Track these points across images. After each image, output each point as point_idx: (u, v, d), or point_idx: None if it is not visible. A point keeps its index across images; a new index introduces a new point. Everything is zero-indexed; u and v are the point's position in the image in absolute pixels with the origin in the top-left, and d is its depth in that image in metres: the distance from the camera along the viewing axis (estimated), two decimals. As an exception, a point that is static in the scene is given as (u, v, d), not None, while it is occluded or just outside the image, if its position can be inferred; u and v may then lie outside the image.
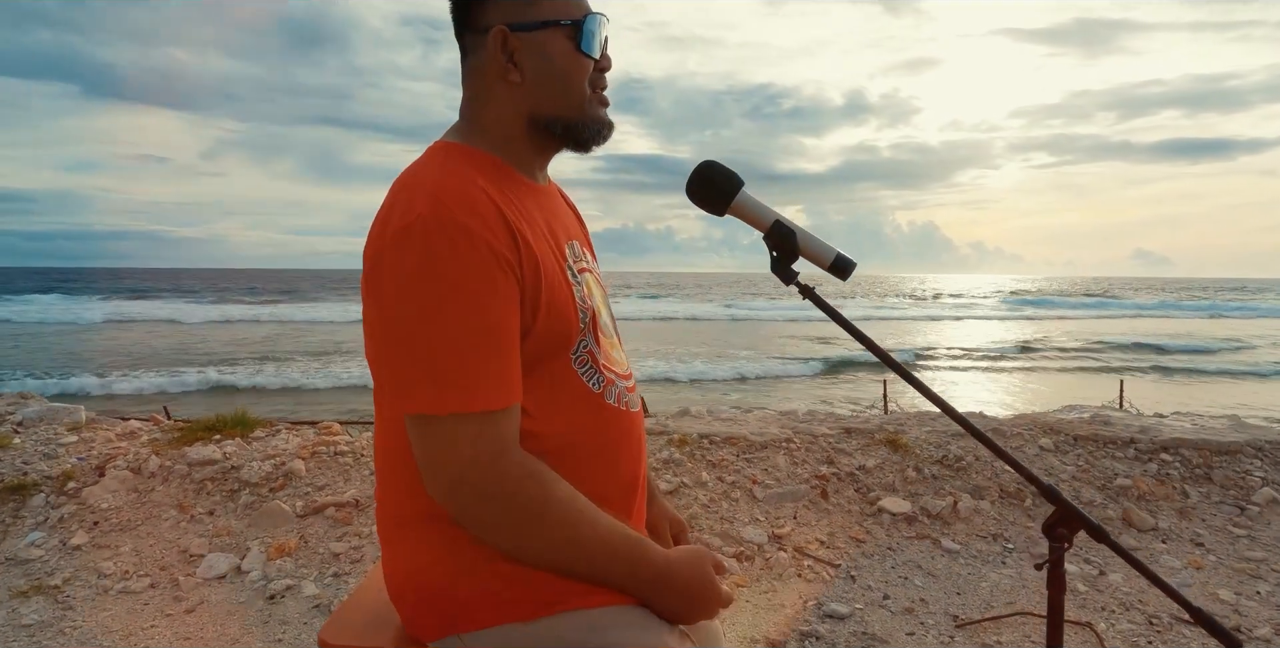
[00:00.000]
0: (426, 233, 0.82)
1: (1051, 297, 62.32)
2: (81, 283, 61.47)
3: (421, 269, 0.82)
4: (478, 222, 0.84)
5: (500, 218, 0.88)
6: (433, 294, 0.81)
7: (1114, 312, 43.10)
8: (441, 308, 0.81)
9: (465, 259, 0.83)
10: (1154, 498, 3.61)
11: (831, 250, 1.06)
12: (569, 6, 0.97)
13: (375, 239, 0.87)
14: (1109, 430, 4.15)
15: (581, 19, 0.97)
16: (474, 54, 0.98)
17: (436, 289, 0.81)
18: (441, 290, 0.81)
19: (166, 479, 3.36)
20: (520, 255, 0.88)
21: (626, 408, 1.07)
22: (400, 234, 0.83)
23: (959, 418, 1.08)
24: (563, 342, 0.96)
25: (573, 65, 0.97)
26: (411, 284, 0.82)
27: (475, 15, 0.96)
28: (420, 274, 0.82)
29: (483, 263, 0.83)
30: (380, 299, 0.84)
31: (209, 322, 26.64)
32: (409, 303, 0.82)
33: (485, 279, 0.83)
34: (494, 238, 0.85)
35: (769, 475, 3.64)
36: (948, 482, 3.65)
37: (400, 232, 0.83)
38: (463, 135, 1.00)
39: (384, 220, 0.86)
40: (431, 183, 0.88)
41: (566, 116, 0.99)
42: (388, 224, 0.85)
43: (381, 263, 0.84)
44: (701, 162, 1.07)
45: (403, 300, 0.82)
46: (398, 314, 0.83)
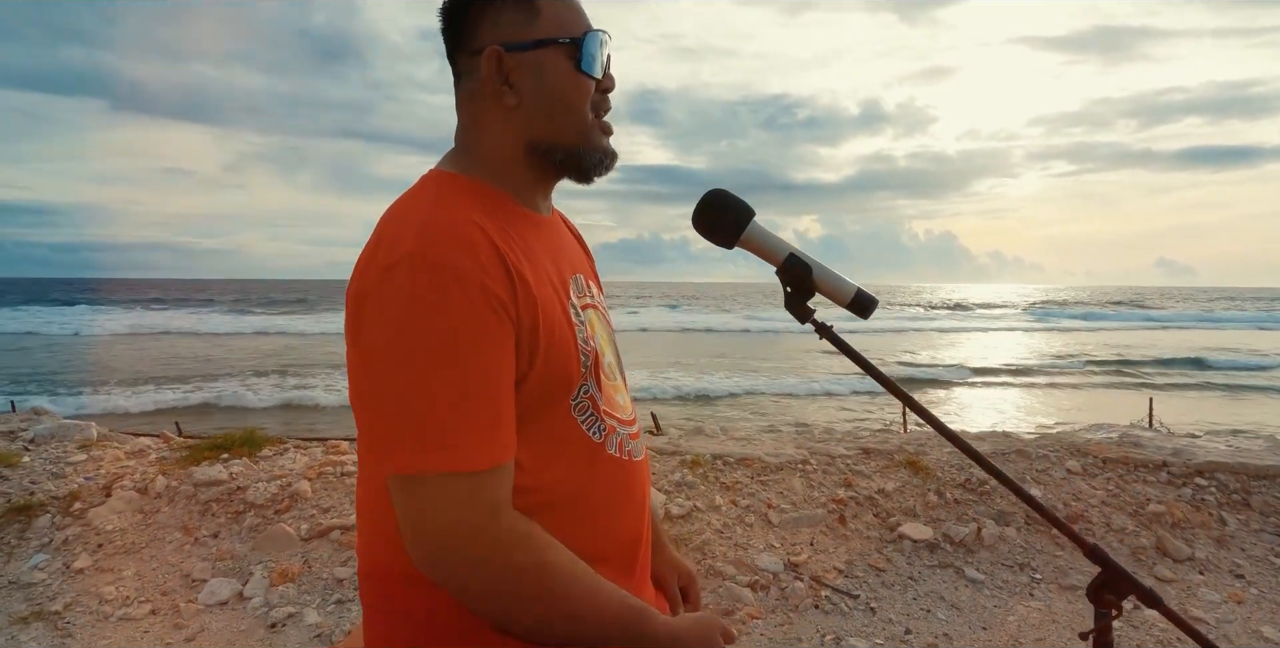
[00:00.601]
0: (413, 273, 0.75)
1: (1086, 307, 59.21)
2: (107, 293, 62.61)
3: (406, 314, 0.74)
4: (470, 260, 0.77)
5: (495, 255, 0.80)
6: (417, 342, 0.74)
7: (1148, 323, 41.25)
8: (427, 357, 0.74)
9: (454, 302, 0.75)
10: (1189, 525, 3.45)
11: (851, 286, 0.97)
12: (568, 23, 0.89)
13: (358, 279, 0.79)
14: (1139, 453, 3.99)
15: (581, 37, 0.89)
16: (468, 77, 0.91)
17: (422, 336, 0.74)
18: (427, 337, 0.74)
19: (172, 500, 3.32)
20: (517, 296, 0.81)
21: (629, 458, 0.98)
22: (384, 274, 0.76)
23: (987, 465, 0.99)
24: (562, 388, 0.88)
25: (573, 86, 0.90)
26: (394, 330, 0.74)
27: (468, 36, 0.89)
28: (404, 319, 0.74)
29: (474, 306, 0.76)
30: (361, 345, 0.77)
31: (229, 333, 26.85)
32: (391, 351, 0.75)
33: (476, 324, 0.76)
34: (487, 278, 0.78)
35: (785, 499, 3.53)
36: (971, 507, 3.52)
37: (384, 271, 0.76)
38: (458, 164, 0.93)
39: (368, 259, 0.79)
40: (420, 217, 0.80)
41: (568, 143, 0.91)
42: (372, 263, 0.78)
43: (364, 306, 0.77)
44: (709, 190, 0.99)
45: (384, 348, 0.75)
46: (378, 363, 0.75)
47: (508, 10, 0.87)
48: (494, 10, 0.87)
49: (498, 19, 0.88)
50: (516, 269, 0.82)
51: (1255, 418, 12.17)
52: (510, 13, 0.87)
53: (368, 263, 0.79)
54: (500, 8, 0.87)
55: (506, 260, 0.81)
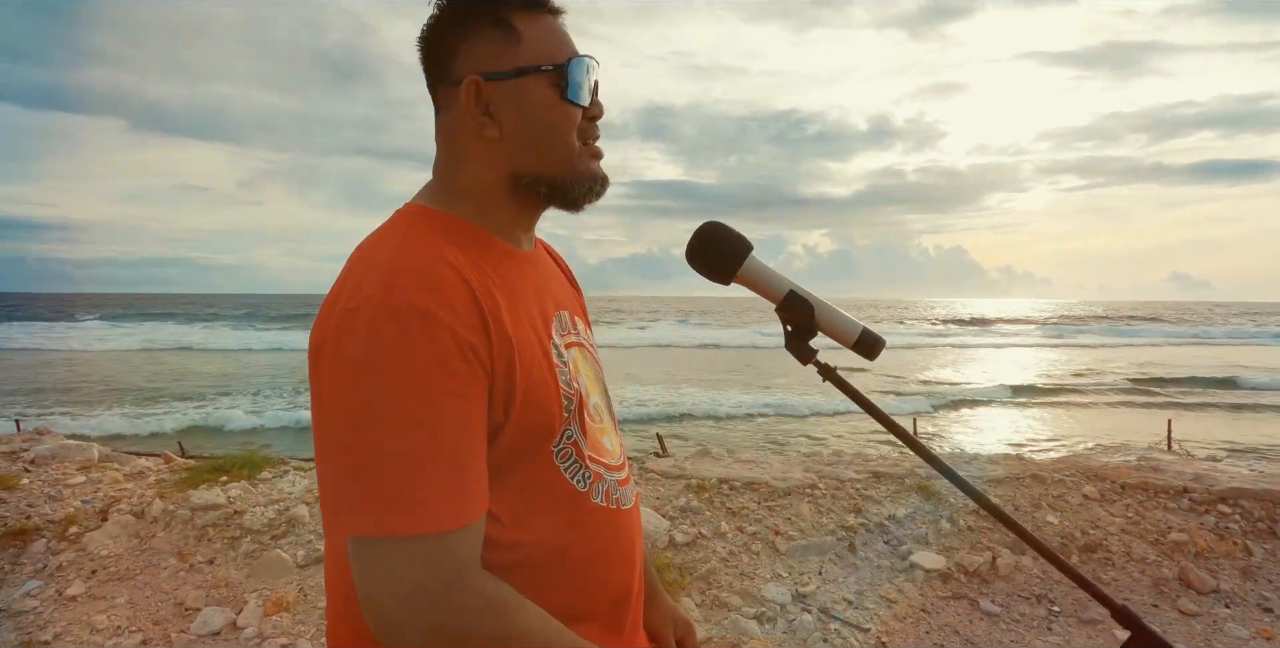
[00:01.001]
0: (374, 318, 0.70)
1: (1109, 322, 56.85)
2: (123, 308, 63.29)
3: (366, 363, 0.69)
4: (438, 303, 0.72)
5: (468, 296, 0.75)
6: (378, 393, 0.68)
7: (1173, 338, 39.53)
8: (387, 409, 0.68)
9: (419, 350, 0.70)
10: (1213, 555, 3.32)
11: (856, 325, 0.91)
12: (551, 50, 0.85)
13: (319, 325, 0.74)
14: (1160, 478, 3.87)
15: (565, 63, 0.84)
16: (447, 109, 0.86)
17: (383, 387, 0.69)
18: (388, 388, 0.69)
19: (169, 525, 3.28)
20: (491, 340, 0.75)
21: (617, 506, 0.92)
22: (344, 320, 0.71)
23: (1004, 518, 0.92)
24: (542, 435, 0.83)
25: (558, 116, 0.85)
26: (353, 381, 0.69)
27: (446, 66, 0.84)
28: (364, 369, 0.69)
29: (441, 354, 0.71)
30: (319, 396, 0.72)
31: (241, 349, 26.88)
32: (349, 402, 0.69)
33: (443, 373, 0.70)
34: (457, 322, 0.72)
35: (792, 526, 3.43)
36: (985, 535, 3.41)
37: (345, 317, 0.71)
38: (434, 198, 0.88)
39: (331, 303, 0.74)
40: (387, 257, 0.75)
41: (552, 174, 0.86)
42: (334, 307, 0.73)
43: (322, 353, 0.72)
44: (703, 223, 0.94)
45: (342, 399, 0.70)
46: (335, 416, 0.70)
47: (487, 38, 0.83)
48: (473, 38, 0.83)
49: (476, 47, 0.83)
50: (491, 311, 0.77)
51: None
52: (490, 41, 0.83)
53: (330, 307, 0.74)
54: (479, 36, 0.83)
55: (480, 302, 0.76)
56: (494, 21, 0.83)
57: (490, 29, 0.83)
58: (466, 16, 0.83)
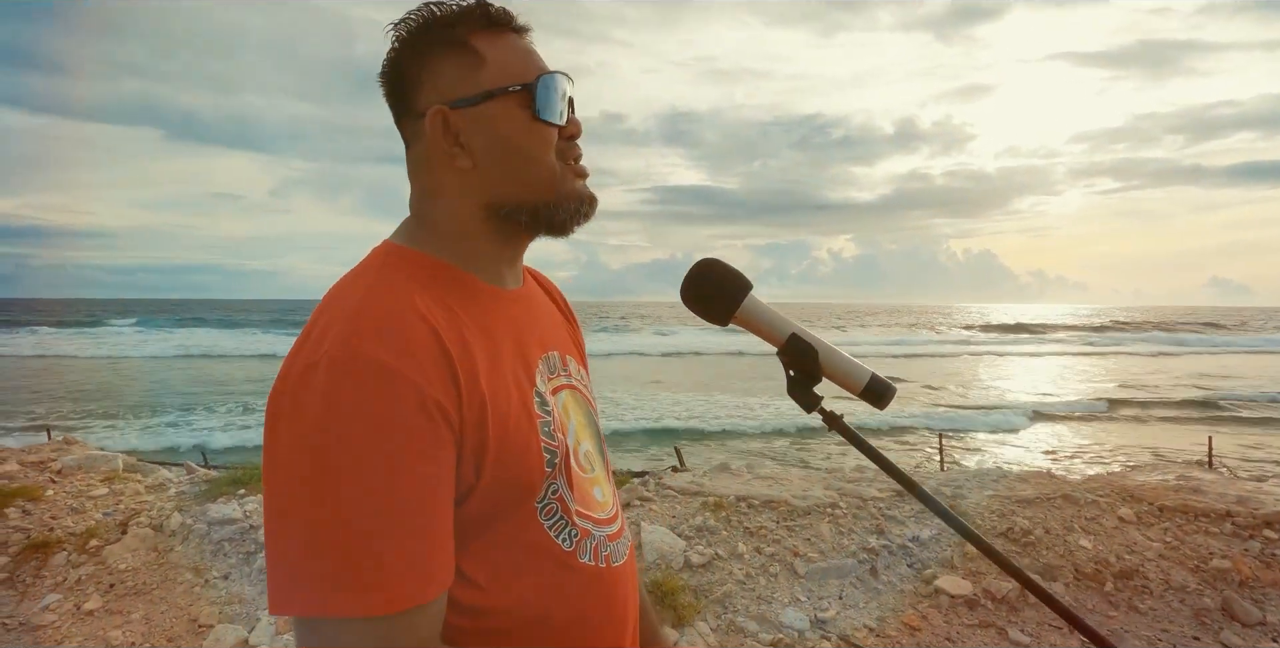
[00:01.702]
0: (332, 376, 0.65)
1: (1167, 330, 53.03)
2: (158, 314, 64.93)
3: (322, 424, 0.64)
4: (401, 358, 0.67)
5: (436, 349, 0.70)
6: (333, 458, 0.64)
7: (1228, 347, 37.67)
8: (343, 476, 0.63)
9: (379, 410, 0.65)
10: (1259, 584, 3.16)
11: (864, 371, 0.85)
12: (517, 69, 0.79)
13: (280, 379, 0.70)
14: (1200, 500, 3.70)
15: (534, 81, 0.79)
16: (415, 143, 0.82)
17: (339, 451, 0.64)
18: (345, 453, 0.64)
19: (186, 538, 3.29)
20: (461, 396, 0.70)
21: (608, 564, 0.86)
22: (303, 376, 0.66)
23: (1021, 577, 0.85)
24: (522, 493, 0.77)
25: (532, 138, 0.79)
26: (308, 444, 0.64)
27: (410, 98, 0.80)
28: (320, 431, 0.64)
29: (403, 413, 0.66)
30: (273, 457, 0.67)
31: (272, 355, 27.27)
32: (303, 467, 0.64)
33: (405, 435, 0.66)
34: (421, 378, 0.67)
35: (812, 547, 3.34)
36: (1014, 560, 3.28)
37: (304, 373, 0.67)
38: (410, 236, 0.83)
39: (294, 355, 0.70)
40: (352, 306, 0.71)
41: (533, 200, 0.81)
42: (296, 360, 0.69)
43: (279, 413, 0.68)
44: (698, 261, 0.88)
45: (296, 464, 0.65)
46: (288, 481, 0.65)
47: (449, 63, 0.78)
48: (433, 65, 0.78)
49: (438, 75, 0.78)
50: (462, 362, 0.71)
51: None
52: (451, 66, 0.78)
53: (291, 361, 0.69)
54: (439, 63, 0.78)
55: (450, 353, 0.71)
56: (453, 46, 0.78)
57: (450, 54, 0.78)
58: (424, 44, 0.78)
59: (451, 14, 0.79)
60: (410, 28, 0.79)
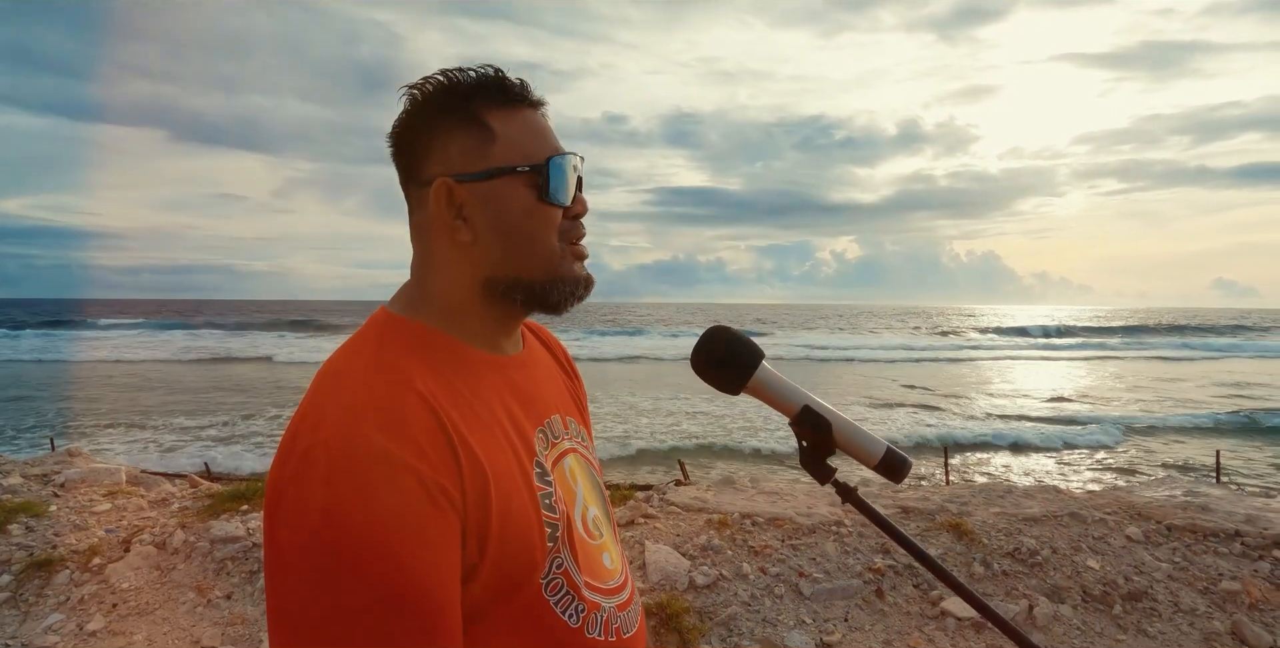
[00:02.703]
0: (330, 464, 0.64)
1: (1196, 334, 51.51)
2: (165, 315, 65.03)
3: (323, 515, 0.63)
4: (401, 443, 0.66)
5: (436, 430, 0.69)
6: (337, 551, 0.63)
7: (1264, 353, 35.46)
8: (344, 570, 0.62)
9: (381, 498, 0.64)
10: (1269, 606, 3.12)
11: (879, 444, 0.84)
12: (528, 148, 0.78)
13: (278, 465, 0.69)
14: (1208, 519, 3.67)
15: (544, 162, 0.78)
16: (419, 210, 0.81)
17: (342, 544, 0.63)
18: (347, 545, 0.63)
19: (189, 557, 3.29)
20: (463, 476, 0.69)
21: (618, 637, 0.85)
22: (302, 465, 0.65)
23: None
24: (525, 570, 0.76)
25: (536, 219, 0.79)
26: (307, 533, 0.63)
27: (417, 165, 0.79)
28: (321, 522, 0.63)
29: (405, 499, 0.65)
30: (276, 549, 0.66)
31: (283, 362, 26.82)
32: (302, 559, 0.63)
33: (409, 523, 0.65)
34: (423, 462, 0.66)
35: (817, 566, 3.32)
36: (1021, 580, 3.25)
37: (302, 461, 0.66)
38: (408, 304, 0.82)
39: (291, 439, 0.69)
40: (350, 388, 0.70)
41: (530, 279, 0.81)
42: (293, 446, 0.68)
43: (279, 499, 0.67)
44: (709, 327, 0.87)
45: (296, 556, 0.64)
46: (288, 572, 0.64)
47: (459, 136, 0.77)
48: (443, 136, 0.78)
49: (448, 147, 0.78)
50: (463, 443, 0.71)
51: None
52: (461, 139, 0.77)
53: (289, 446, 0.68)
54: (450, 135, 0.77)
55: (451, 435, 0.70)
56: (467, 119, 0.77)
57: (462, 127, 0.77)
58: (437, 114, 0.78)
59: (467, 86, 0.78)
60: (425, 95, 0.78)
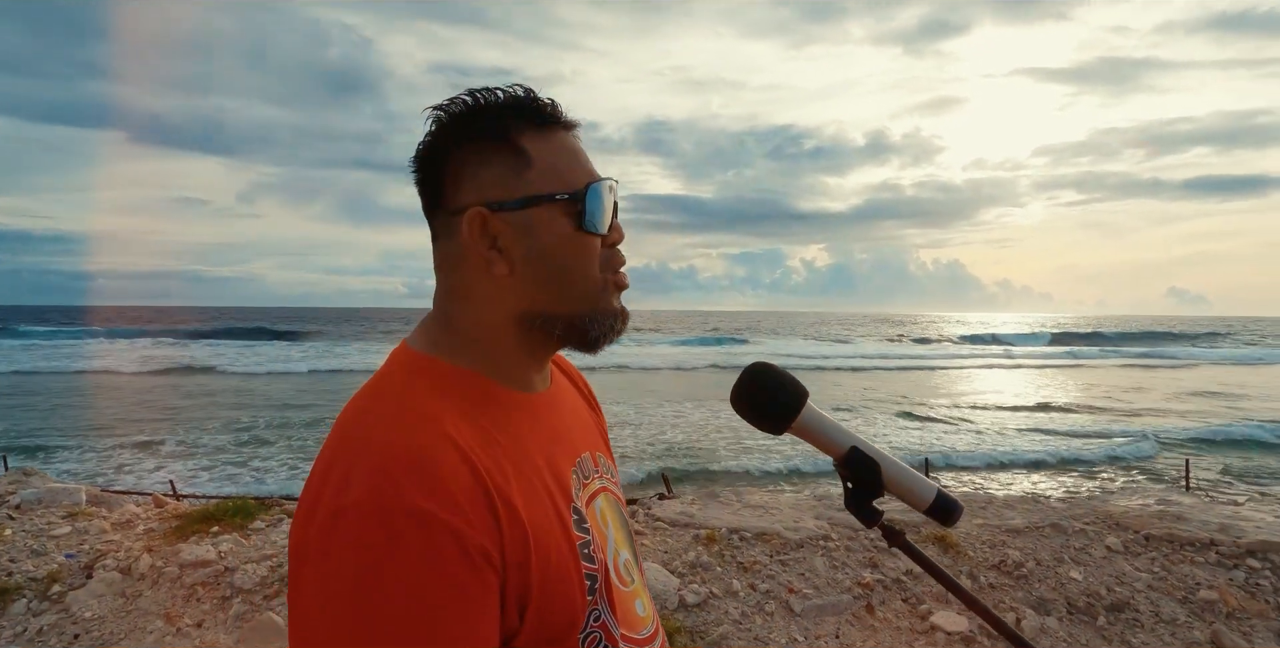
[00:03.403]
0: (364, 527, 0.59)
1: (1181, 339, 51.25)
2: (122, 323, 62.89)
3: (353, 580, 0.58)
4: (439, 501, 0.61)
5: (475, 486, 0.64)
6: (369, 620, 0.57)
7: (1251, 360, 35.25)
8: (375, 639, 0.57)
9: (418, 564, 0.59)
10: (1245, 615, 3.19)
11: (930, 487, 0.81)
12: (565, 174, 0.74)
13: (302, 523, 0.63)
14: (1184, 528, 3.75)
15: (582, 189, 0.74)
16: (447, 239, 0.76)
17: (374, 613, 0.57)
18: (381, 614, 0.57)
19: (156, 582, 3.14)
20: (503, 535, 0.64)
21: None
22: (330, 526, 0.60)
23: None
24: (564, 630, 0.71)
25: (576, 249, 0.74)
26: (339, 607, 0.58)
27: (447, 192, 0.74)
28: (353, 591, 0.58)
29: (444, 565, 0.59)
30: (303, 616, 0.60)
31: (247, 373, 25.74)
32: (330, 629, 0.58)
33: (448, 589, 0.59)
34: (463, 521, 0.61)
35: (806, 582, 3.30)
36: (1008, 592, 3.28)
37: (331, 521, 0.60)
38: (435, 342, 0.76)
39: (315, 495, 0.63)
40: (379, 439, 0.64)
41: (569, 312, 0.76)
42: (318, 505, 0.62)
43: (304, 564, 0.61)
44: (751, 364, 0.83)
45: (327, 627, 0.58)
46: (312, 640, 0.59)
47: (492, 162, 0.72)
48: (476, 162, 0.72)
49: (481, 173, 0.73)
50: (503, 495, 0.66)
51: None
52: (496, 165, 0.72)
53: (313, 503, 0.62)
54: (484, 159, 0.72)
55: (489, 487, 0.65)
56: (500, 144, 0.72)
57: (496, 152, 0.72)
58: (467, 137, 0.72)
59: (500, 107, 0.73)
60: (454, 117, 0.73)
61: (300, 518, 0.63)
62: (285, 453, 11.38)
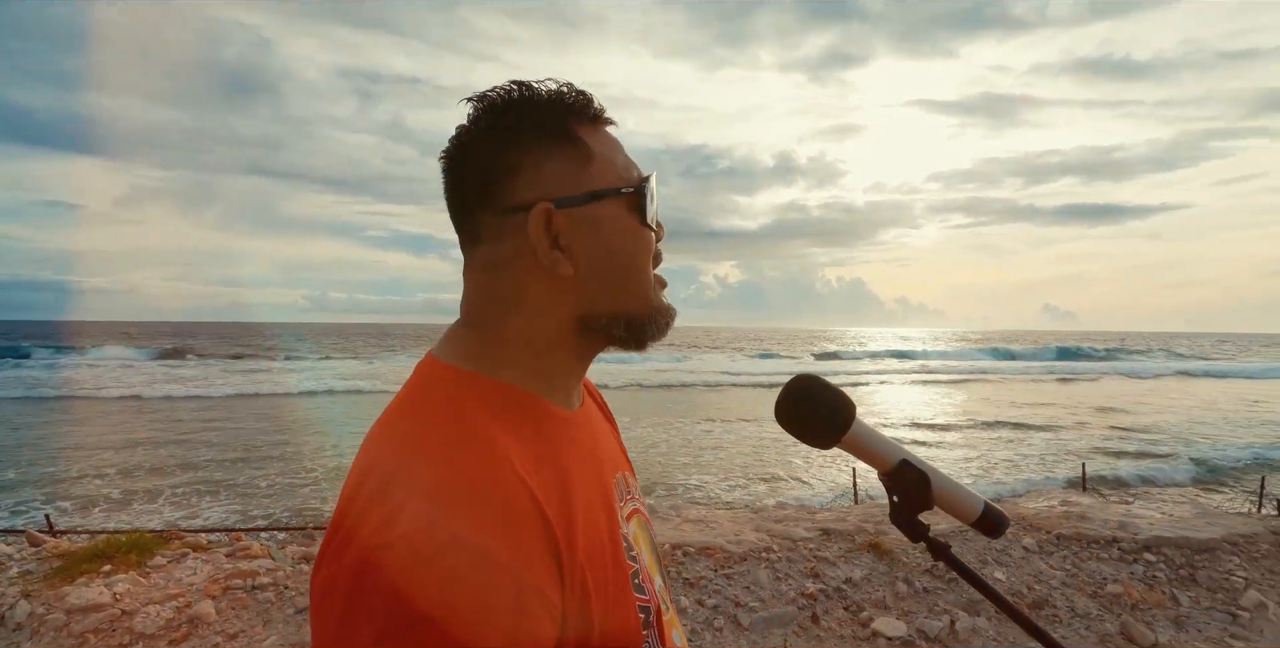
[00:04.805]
0: (413, 565, 0.50)
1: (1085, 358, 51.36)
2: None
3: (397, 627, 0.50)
4: (502, 540, 0.53)
5: (537, 520, 0.57)
6: None
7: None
8: None
9: (470, 609, 0.51)
10: (1147, 605, 3.46)
11: (978, 499, 0.81)
12: (624, 167, 0.70)
13: (331, 559, 0.53)
14: (1089, 527, 4.04)
15: (643, 182, 0.71)
16: (496, 241, 0.69)
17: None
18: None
19: (37, 632, 2.76)
20: (564, 579, 0.57)
21: None
22: (370, 562, 0.51)
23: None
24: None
25: (640, 245, 0.70)
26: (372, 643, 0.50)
27: (502, 189, 0.67)
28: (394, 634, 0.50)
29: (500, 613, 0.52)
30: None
31: (121, 396, 23.39)
32: None
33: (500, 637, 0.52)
34: (522, 562, 0.54)
35: (752, 595, 3.31)
36: (940, 596, 3.41)
37: (372, 557, 0.51)
38: (475, 356, 0.69)
39: (350, 527, 0.54)
40: (430, 466, 0.56)
41: (631, 311, 0.71)
42: (353, 537, 0.53)
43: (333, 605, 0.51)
44: (795, 377, 0.80)
45: None
46: None
47: (557, 156, 0.67)
48: (537, 155, 0.67)
49: (544, 167, 0.67)
50: (564, 531, 0.59)
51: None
52: (560, 160, 0.67)
53: (348, 538, 0.53)
54: (546, 153, 0.67)
55: (551, 523, 0.58)
56: (562, 137, 0.67)
57: (557, 146, 0.67)
58: (525, 130, 0.67)
59: (556, 100, 0.68)
60: (509, 107, 0.67)
61: (328, 555, 0.54)
62: (179, 483, 10.42)
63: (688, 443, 13.91)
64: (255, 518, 8.08)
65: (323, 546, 0.57)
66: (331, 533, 0.56)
